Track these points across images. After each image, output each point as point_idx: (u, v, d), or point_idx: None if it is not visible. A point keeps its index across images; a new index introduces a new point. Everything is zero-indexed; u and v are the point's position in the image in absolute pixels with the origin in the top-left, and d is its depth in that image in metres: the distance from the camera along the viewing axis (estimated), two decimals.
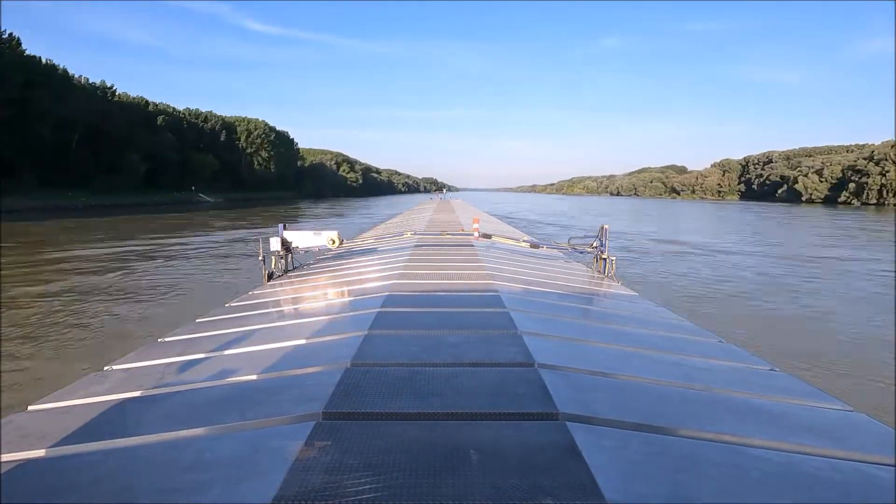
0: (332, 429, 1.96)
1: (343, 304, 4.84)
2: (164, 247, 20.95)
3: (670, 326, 4.32)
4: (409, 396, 2.29)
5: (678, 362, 3.18)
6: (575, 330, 3.91)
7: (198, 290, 12.53)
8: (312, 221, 37.79)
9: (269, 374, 2.73)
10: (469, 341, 3.20)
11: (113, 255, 18.24)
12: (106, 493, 1.60)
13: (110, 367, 3.10)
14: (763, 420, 2.30)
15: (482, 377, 2.57)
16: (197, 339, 3.73)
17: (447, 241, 9.96)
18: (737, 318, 10.52)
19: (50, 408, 2.43)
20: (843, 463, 1.90)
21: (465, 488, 1.56)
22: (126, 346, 3.59)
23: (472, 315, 4.04)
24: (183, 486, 1.61)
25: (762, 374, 3.11)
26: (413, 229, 12.18)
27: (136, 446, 1.96)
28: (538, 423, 2.04)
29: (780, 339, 9.02)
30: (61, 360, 7.42)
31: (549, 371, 2.64)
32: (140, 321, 9.66)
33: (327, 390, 2.33)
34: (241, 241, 23.56)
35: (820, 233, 33.86)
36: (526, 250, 9.54)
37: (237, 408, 2.26)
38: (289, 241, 8.05)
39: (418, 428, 1.99)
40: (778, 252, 21.98)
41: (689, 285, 14.06)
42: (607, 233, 8.50)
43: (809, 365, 7.47)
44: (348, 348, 3.01)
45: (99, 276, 14.12)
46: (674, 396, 2.56)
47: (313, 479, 1.59)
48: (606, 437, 1.95)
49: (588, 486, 1.57)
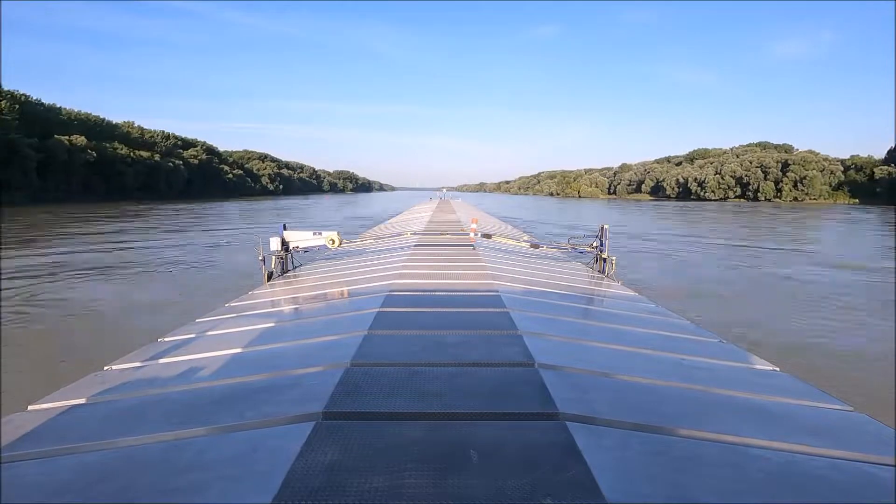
0: (332, 429, 1.96)
1: (343, 304, 4.84)
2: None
3: (670, 326, 4.31)
4: (409, 396, 2.29)
5: (678, 362, 3.18)
6: (575, 330, 3.91)
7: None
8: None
9: (269, 374, 2.72)
10: (469, 341, 3.20)
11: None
12: (106, 493, 1.60)
13: (110, 367, 3.10)
14: (763, 420, 2.30)
15: (482, 377, 2.57)
16: (197, 339, 3.73)
17: (447, 241, 9.96)
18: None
19: (50, 408, 2.43)
20: (844, 463, 1.90)
21: (465, 488, 1.56)
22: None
23: (472, 315, 4.03)
24: (183, 486, 1.61)
25: (763, 374, 3.11)
26: (413, 229, 12.18)
27: (135, 446, 1.95)
28: (538, 423, 2.04)
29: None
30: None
31: (550, 371, 2.64)
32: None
33: (327, 390, 2.33)
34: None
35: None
36: (526, 250, 9.55)
37: (237, 408, 2.26)
38: (288, 241, 8.06)
39: (419, 428, 1.99)
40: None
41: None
42: (607, 233, 8.50)
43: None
44: (348, 348, 3.01)
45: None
46: (674, 396, 2.56)
47: (313, 480, 1.59)
48: (606, 437, 1.95)
49: (588, 486, 1.57)
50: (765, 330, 8.82)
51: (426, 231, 11.69)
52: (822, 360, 7.38)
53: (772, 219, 45.40)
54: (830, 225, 39.33)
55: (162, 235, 25.56)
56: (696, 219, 45.67)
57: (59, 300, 10.98)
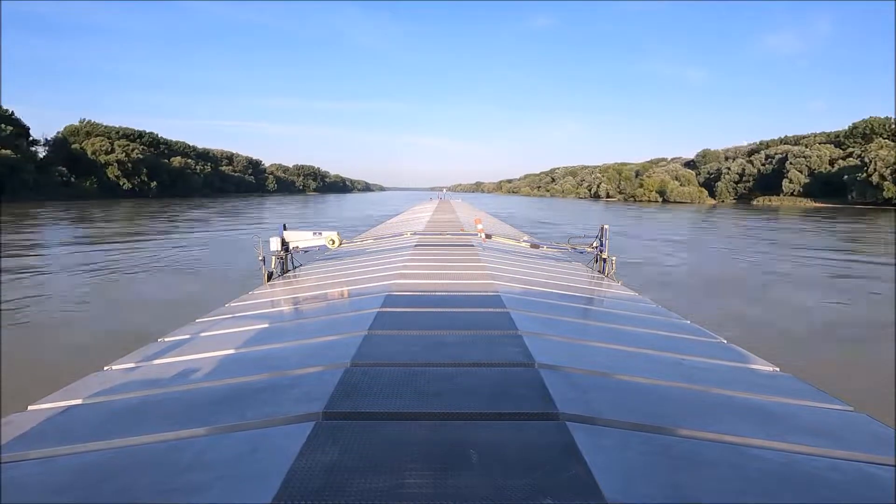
0: (332, 429, 1.96)
1: (343, 304, 4.84)
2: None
3: (670, 326, 4.31)
4: (409, 396, 2.29)
5: (679, 362, 3.18)
6: (575, 330, 3.91)
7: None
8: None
9: (269, 374, 2.72)
10: (469, 341, 3.20)
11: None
12: (106, 493, 1.60)
13: (110, 367, 3.10)
14: (763, 420, 2.30)
15: (482, 377, 2.57)
16: (197, 339, 3.73)
17: (447, 241, 9.96)
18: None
19: (50, 408, 2.43)
20: (844, 463, 1.90)
21: (465, 488, 1.56)
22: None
23: (472, 315, 4.03)
24: (183, 486, 1.61)
25: (763, 374, 3.10)
26: (413, 229, 12.18)
27: (135, 446, 1.95)
28: (538, 424, 2.04)
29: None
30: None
31: (550, 371, 2.64)
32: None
33: (327, 390, 2.33)
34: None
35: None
36: (526, 250, 9.54)
37: (237, 408, 2.26)
38: (288, 241, 8.06)
39: (419, 428, 1.99)
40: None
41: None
42: (607, 233, 8.50)
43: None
44: (348, 348, 3.01)
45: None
46: (674, 396, 2.55)
47: (313, 480, 1.59)
48: (606, 437, 1.95)
49: (588, 486, 1.57)
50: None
51: (426, 231, 11.70)
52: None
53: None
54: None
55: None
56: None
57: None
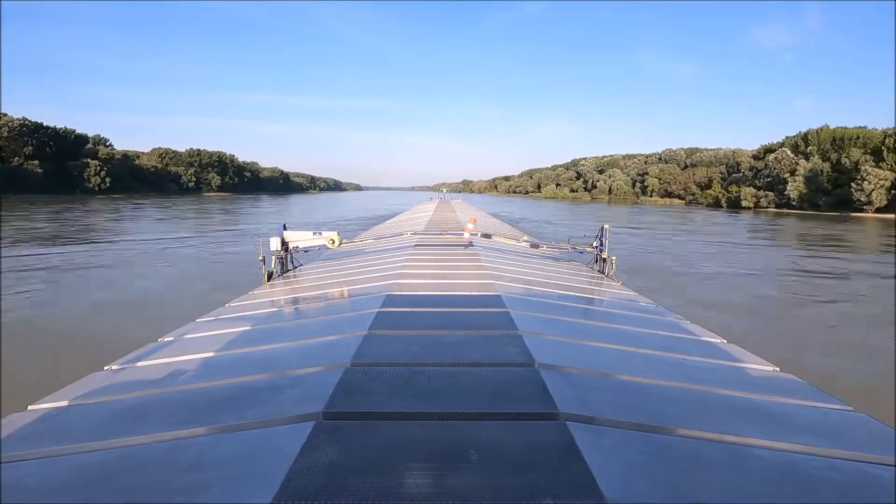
0: (332, 429, 1.96)
1: (343, 304, 4.84)
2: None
3: (670, 326, 4.31)
4: (409, 396, 2.29)
5: (679, 362, 3.18)
6: (575, 330, 3.91)
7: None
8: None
9: (269, 374, 2.72)
10: (469, 341, 3.20)
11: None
12: (106, 493, 1.60)
13: (110, 367, 3.10)
14: (763, 420, 2.30)
15: (482, 377, 2.57)
16: (197, 339, 3.73)
17: (447, 241, 9.96)
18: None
19: (50, 408, 2.43)
20: (844, 463, 1.90)
21: (465, 488, 1.56)
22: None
23: (472, 315, 4.03)
24: (183, 486, 1.61)
25: (763, 374, 3.11)
26: (413, 229, 12.18)
27: (135, 446, 1.95)
28: (538, 423, 2.04)
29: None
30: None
31: (550, 371, 2.64)
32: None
33: (327, 390, 2.33)
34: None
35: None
36: (526, 250, 9.54)
37: (237, 408, 2.26)
38: (288, 241, 8.06)
39: (419, 428, 1.99)
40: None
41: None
42: (607, 233, 8.50)
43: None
44: (348, 348, 3.01)
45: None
46: (674, 396, 2.55)
47: (314, 480, 1.59)
48: (606, 437, 1.95)
49: (588, 486, 1.57)
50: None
51: (426, 231, 11.70)
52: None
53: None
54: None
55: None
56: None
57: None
